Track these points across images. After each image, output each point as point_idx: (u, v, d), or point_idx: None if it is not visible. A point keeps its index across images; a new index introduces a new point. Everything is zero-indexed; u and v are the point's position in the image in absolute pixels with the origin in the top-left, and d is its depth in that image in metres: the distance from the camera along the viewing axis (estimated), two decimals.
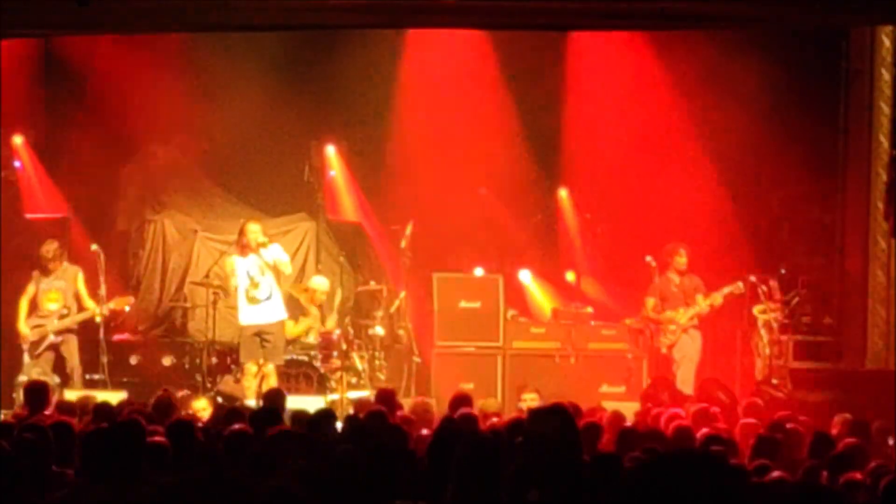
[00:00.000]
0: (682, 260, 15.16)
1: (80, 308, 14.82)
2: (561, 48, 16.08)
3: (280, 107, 16.05)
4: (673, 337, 15.12)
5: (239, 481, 2.71)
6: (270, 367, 14.47)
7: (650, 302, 15.24)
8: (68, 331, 14.80)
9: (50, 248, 14.75)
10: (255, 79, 16.00)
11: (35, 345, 14.69)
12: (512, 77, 16.09)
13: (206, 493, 2.68)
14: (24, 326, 14.74)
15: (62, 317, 14.76)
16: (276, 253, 14.64)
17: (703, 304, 15.01)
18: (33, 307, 14.81)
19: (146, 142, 16.43)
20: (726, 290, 14.93)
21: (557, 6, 11.64)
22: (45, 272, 14.79)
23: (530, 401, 12.92)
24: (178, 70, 16.02)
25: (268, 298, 14.61)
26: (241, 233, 14.62)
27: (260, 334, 14.53)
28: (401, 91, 16.17)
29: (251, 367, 14.48)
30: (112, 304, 14.85)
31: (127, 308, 15.16)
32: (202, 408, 12.21)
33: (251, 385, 14.37)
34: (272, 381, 14.26)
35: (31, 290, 14.83)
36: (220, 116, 16.21)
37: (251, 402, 13.32)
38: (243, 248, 14.56)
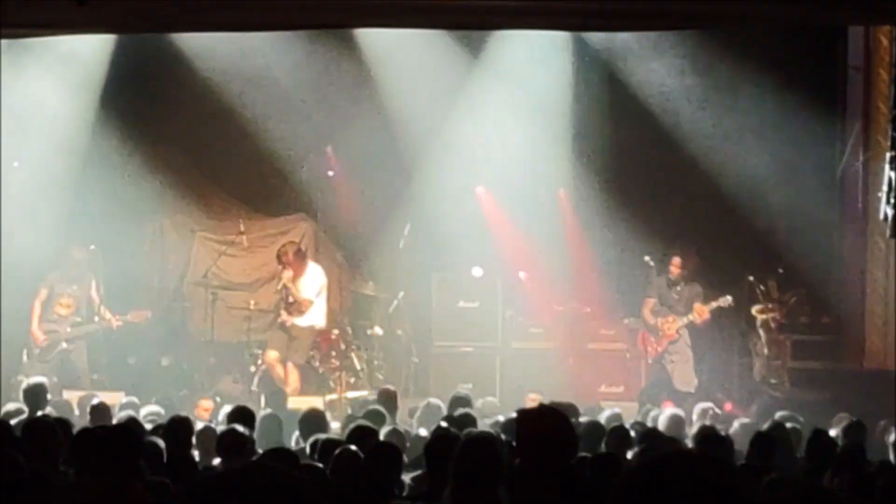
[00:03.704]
0: (674, 269, 15.10)
1: (91, 313, 14.76)
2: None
3: (279, 106, 16.05)
4: (658, 347, 15.07)
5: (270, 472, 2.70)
6: (290, 365, 14.56)
7: (649, 303, 15.22)
8: (81, 337, 14.78)
9: (78, 254, 14.74)
10: (254, 78, 15.99)
11: (46, 350, 14.64)
12: (512, 77, 16.10)
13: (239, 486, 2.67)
14: (37, 330, 14.69)
15: (76, 324, 14.70)
16: (303, 283, 14.91)
17: (691, 315, 14.95)
18: (44, 310, 14.77)
19: (145, 142, 16.40)
20: (714, 304, 14.84)
21: (558, 6, 11.65)
22: (63, 275, 14.75)
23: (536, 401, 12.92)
24: (177, 70, 16.00)
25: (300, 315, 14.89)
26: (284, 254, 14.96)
27: (290, 330, 14.65)
28: (400, 90, 16.15)
29: (272, 353, 14.58)
30: (129, 317, 14.82)
31: (144, 321, 15.12)
32: (209, 408, 12.26)
33: (279, 371, 14.46)
34: (294, 377, 14.37)
35: (43, 292, 14.76)
36: (219, 116, 16.21)
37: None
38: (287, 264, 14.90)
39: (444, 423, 9.11)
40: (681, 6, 11.46)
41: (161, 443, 7.93)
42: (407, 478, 7.34)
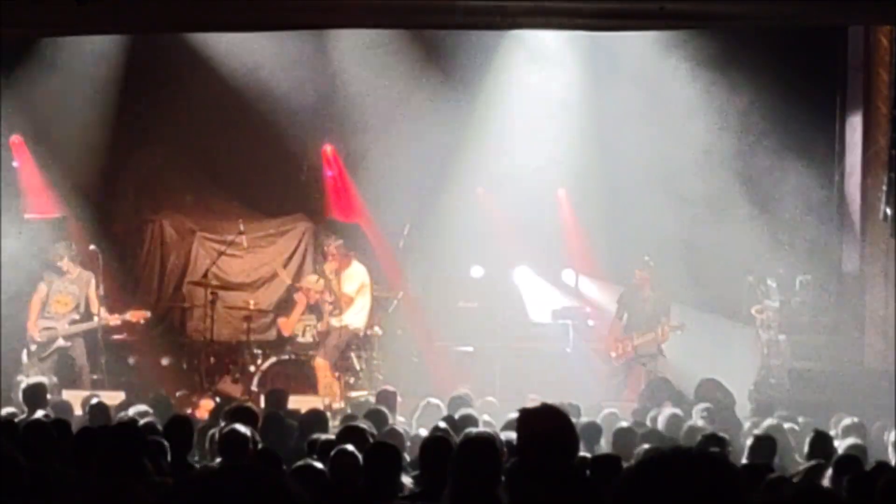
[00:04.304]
0: (639, 274, 15.17)
1: (89, 313, 14.78)
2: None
3: (279, 107, 16.05)
4: (616, 359, 15.16)
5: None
6: (321, 361, 14.68)
7: (617, 316, 15.29)
8: (78, 335, 14.78)
9: (60, 255, 14.77)
10: (254, 79, 15.99)
11: (43, 347, 14.66)
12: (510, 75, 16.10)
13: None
14: (33, 327, 14.72)
15: (73, 322, 14.72)
16: (345, 277, 14.94)
17: (648, 336, 15.01)
18: (42, 307, 14.79)
19: (145, 142, 16.40)
20: (669, 331, 14.94)
21: (558, 7, 11.64)
22: (61, 274, 14.79)
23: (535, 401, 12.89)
24: (176, 70, 16.01)
25: (338, 314, 14.91)
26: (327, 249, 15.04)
27: (330, 332, 14.81)
28: (400, 91, 16.15)
29: (322, 363, 14.71)
30: (128, 316, 14.82)
31: (142, 322, 15.11)
32: (209, 407, 12.25)
33: (324, 380, 14.60)
34: (323, 374, 14.56)
35: (42, 290, 14.79)
36: (218, 116, 16.22)
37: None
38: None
39: (442, 424, 9.10)
40: (681, 6, 11.45)
41: (165, 443, 7.92)
42: (407, 478, 7.34)
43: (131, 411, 10.73)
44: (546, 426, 5.37)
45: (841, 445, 9.05)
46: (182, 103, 16.18)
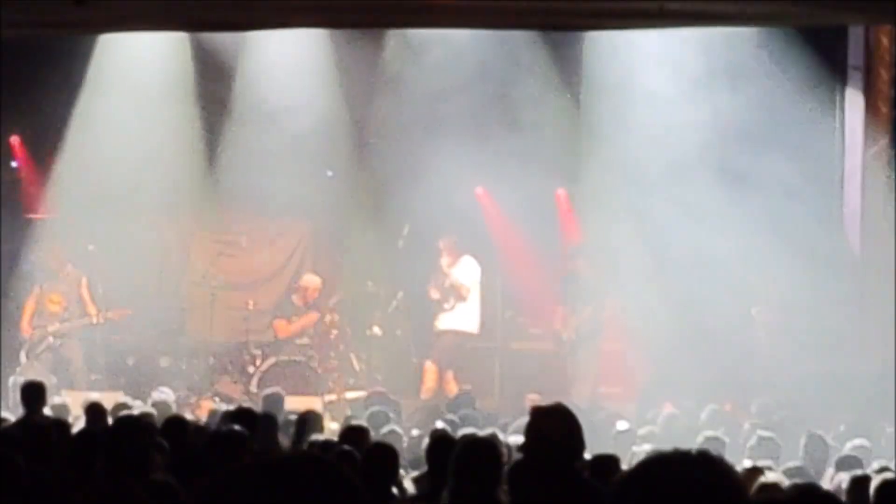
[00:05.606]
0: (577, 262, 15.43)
1: (83, 313, 14.80)
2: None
3: (282, 106, 16.00)
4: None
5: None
6: (450, 374, 14.75)
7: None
8: (69, 334, 14.78)
9: (53, 259, 14.82)
10: (256, 76, 15.96)
11: (34, 346, 14.68)
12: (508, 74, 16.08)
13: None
14: (26, 326, 14.75)
15: (63, 321, 14.74)
16: (460, 270, 15.00)
17: (585, 314, 15.11)
18: (37, 307, 14.82)
19: (143, 141, 16.36)
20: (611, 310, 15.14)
21: (562, 6, 11.64)
22: (54, 275, 14.82)
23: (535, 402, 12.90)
24: (175, 68, 15.99)
25: (450, 308, 15.00)
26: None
27: (441, 335, 14.89)
28: (400, 90, 16.13)
29: (430, 366, 14.63)
30: (110, 315, 14.83)
31: (124, 318, 15.09)
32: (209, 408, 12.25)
33: (429, 383, 14.59)
34: (429, 377, 14.62)
35: (35, 290, 14.84)
36: (217, 116, 16.19)
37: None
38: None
39: (440, 424, 9.11)
40: (681, 6, 11.46)
41: (164, 443, 7.91)
42: (407, 479, 7.33)
43: (129, 412, 10.72)
44: (556, 425, 5.38)
45: (841, 446, 9.07)
46: (182, 103, 16.14)
